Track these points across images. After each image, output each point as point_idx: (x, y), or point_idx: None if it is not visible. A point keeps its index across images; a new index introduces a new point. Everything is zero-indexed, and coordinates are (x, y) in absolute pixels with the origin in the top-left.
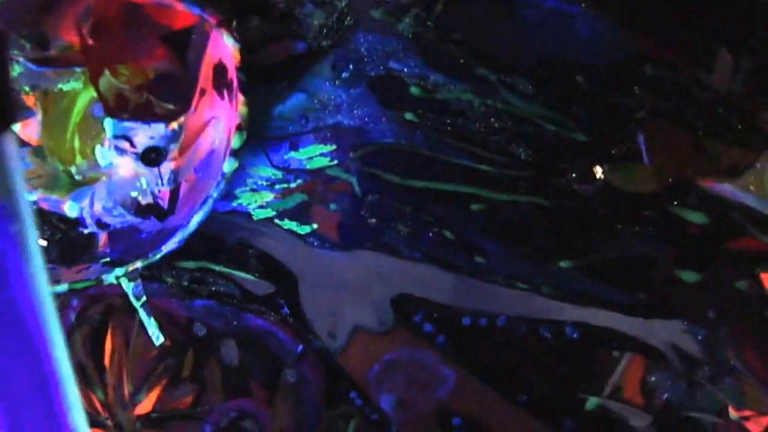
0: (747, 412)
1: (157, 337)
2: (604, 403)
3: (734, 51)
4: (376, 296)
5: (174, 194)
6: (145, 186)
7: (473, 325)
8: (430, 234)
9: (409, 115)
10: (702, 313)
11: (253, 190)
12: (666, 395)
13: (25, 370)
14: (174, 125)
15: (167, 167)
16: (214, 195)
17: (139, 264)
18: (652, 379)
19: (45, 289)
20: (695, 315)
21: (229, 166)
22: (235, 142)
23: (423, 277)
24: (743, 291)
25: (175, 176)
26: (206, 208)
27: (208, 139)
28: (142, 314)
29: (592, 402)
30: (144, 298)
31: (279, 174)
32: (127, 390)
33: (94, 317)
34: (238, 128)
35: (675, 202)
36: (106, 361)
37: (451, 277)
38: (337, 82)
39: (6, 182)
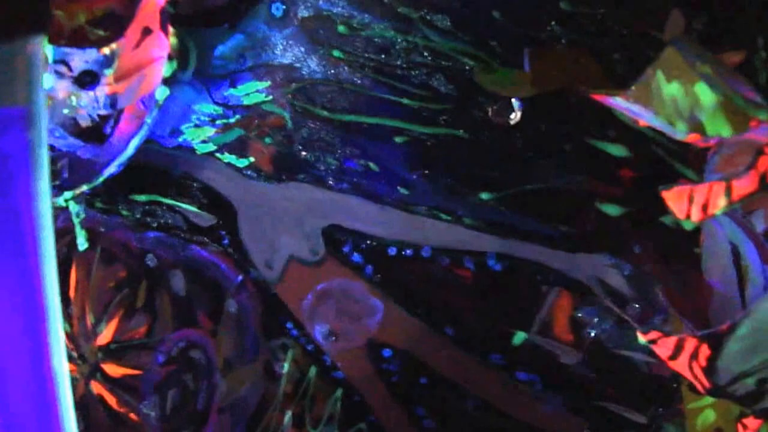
0: (653, 334)
1: (81, 244)
2: (533, 338)
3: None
4: (308, 227)
5: (115, 120)
6: (77, 103)
7: (399, 255)
8: (357, 166)
9: (336, 53)
10: (627, 247)
11: (196, 126)
12: (594, 332)
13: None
14: (105, 50)
15: (102, 91)
16: (148, 120)
17: (84, 187)
18: (579, 315)
19: (47, 201)
20: (620, 249)
21: (160, 93)
22: (166, 71)
23: (351, 208)
24: (668, 225)
25: (113, 102)
26: (142, 132)
27: (156, 75)
28: (77, 226)
29: (519, 336)
30: (83, 215)
31: (219, 110)
32: (89, 321)
33: (60, 251)
34: (169, 58)
35: (594, 135)
36: (71, 293)
37: (377, 208)
38: (271, 23)
39: (29, 88)
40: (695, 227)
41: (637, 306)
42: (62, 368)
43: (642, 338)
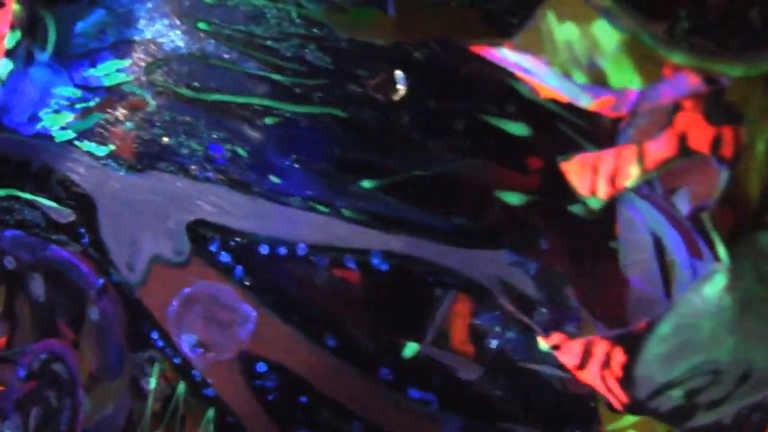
0: (556, 338)
1: None
2: (426, 350)
3: None
4: (172, 223)
5: None
6: None
7: (272, 254)
8: (224, 151)
9: (202, 24)
10: (532, 242)
11: (55, 112)
12: (497, 342)
13: None
14: None
15: None
16: None
17: None
18: (478, 322)
19: None
20: (524, 245)
21: (2, 67)
22: (8, 42)
23: (217, 199)
24: (579, 216)
25: None
26: None
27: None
28: None
29: (410, 348)
30: None
31: (79, 93)
32: None
33: None
34: (11, 27)
35: (491, 112)
36: None
37: (246, 200)
38: None
39: None
40: (610, 215)
41: (545, 311)
42: None
43: (543, 344)
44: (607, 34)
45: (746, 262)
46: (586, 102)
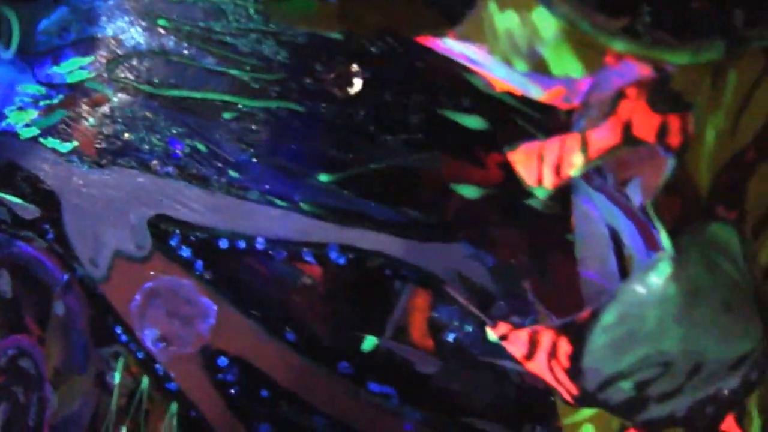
0: (503, 327)
1: None
2: (385, 343)
3: None
4: (134, 218)
5: None
6: None
7: (231, 248)
8: (183, 147)
9: (162, 21)
10: (489, 235)
11: (20, 109)
12: (455, 336)
13: None
14: None
15: None
16: None
17: None
18: (436, 316)
19: None
20: (481, 238)
21: None
22: None
23: (177, 194)
24: (535, 209)
25: None
26: None
27: None
28: None
29: (369, 342)
30: None
31: (43, 90)
32: None
33: None
34: None
35: (446, 105)
36: None
37: (205, 195)
38: None
39: None
40: (567, 209)
41: (503, 304)
42: None
43: (491, 334)
44: (546, 22)
45: (693, 251)
46: (536, 93)
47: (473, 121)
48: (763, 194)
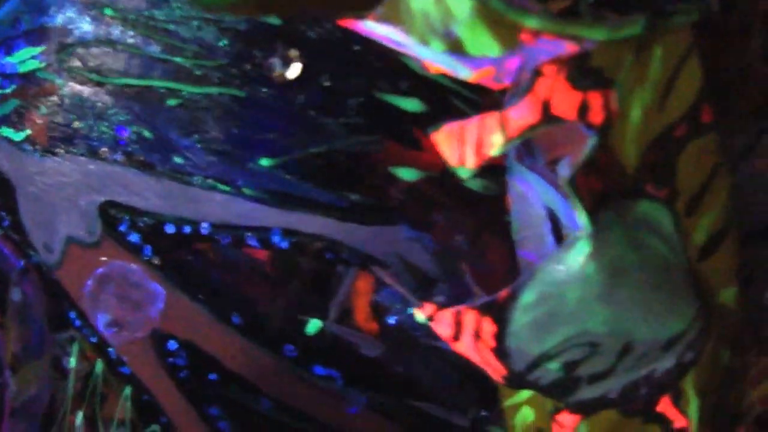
0: (428, 308)
1: None
2: (329, 326)
3: None
4: (84, 204)
5: None
6: None
7: (177, 233)
8: (130, 134)
9: (108, 11)
10: (429, 217)
11: None
12: (397, 318)
13: None
14: None
15: None
16: None
17: None
18: (379, 299)
19: None
20: (421, 220)
21: None
22: None
23: (125, 181)
24: (474, 190)
25: None
26: None
27: None
28: None
29: (313, 325)
30: None
31: None
32: None
33: None
34: None
35: (384, 88)
36: None
37: (152, 180)
38: None
39: None
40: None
41: (444, 286)
42: None
43: (419, 315)
44: (459, 1)
45: (616, 229)
46: (465, 74)
47: (411, 104)
48: (695, 171)
